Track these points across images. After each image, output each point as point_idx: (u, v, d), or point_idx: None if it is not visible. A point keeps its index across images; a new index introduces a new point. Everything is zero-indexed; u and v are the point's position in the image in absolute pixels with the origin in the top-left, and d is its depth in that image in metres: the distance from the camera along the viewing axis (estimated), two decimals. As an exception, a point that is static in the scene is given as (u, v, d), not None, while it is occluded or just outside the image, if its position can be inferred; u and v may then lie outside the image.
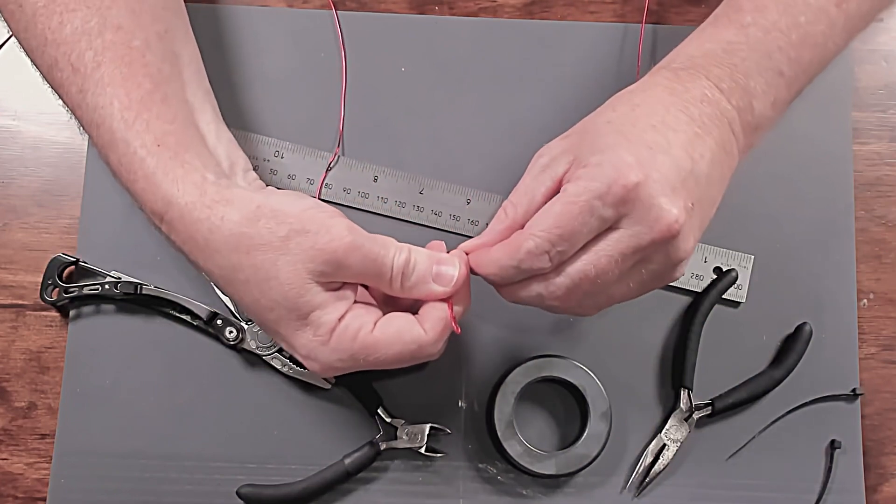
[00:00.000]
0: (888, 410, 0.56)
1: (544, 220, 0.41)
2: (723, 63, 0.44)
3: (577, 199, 0.40)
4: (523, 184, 0.44)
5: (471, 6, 0.60)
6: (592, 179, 0.40)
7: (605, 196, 0.40)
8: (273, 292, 0.41)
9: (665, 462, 0.54)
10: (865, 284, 0.57)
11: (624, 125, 0.42)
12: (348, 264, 0.42)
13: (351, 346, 0.42)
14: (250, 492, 0.52)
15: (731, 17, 0.46)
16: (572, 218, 0.40)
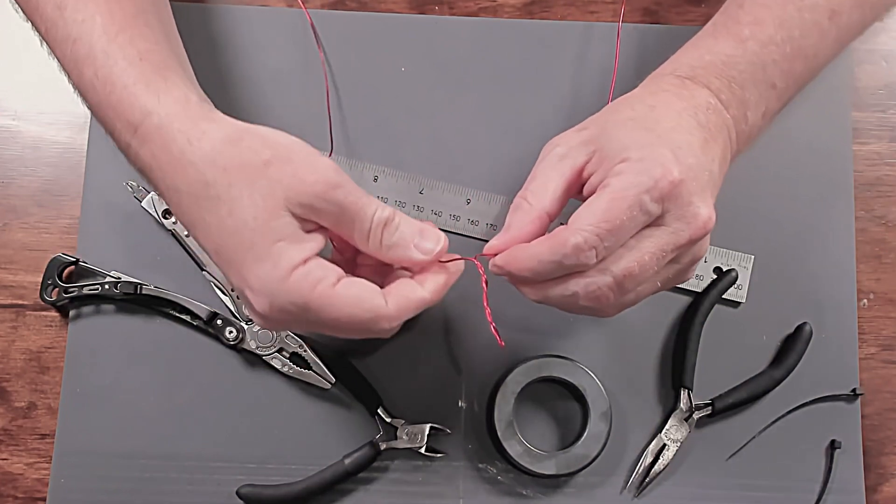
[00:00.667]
0: (888, 410, 0.56)
1: (591, 214, 0.40)
2: (722, 75, 0.45)
3: (625, 193, 0.40)
4: (540, 174, 0.44)
5: (471, 6, 0.60)
6: (639, 174, 0.40)
7: (652, 190, 0.40)
8: (243, 212, 0.39)
9: (665, 462, 0.54)
10: (865, 284, 0.57)
11: (648, 123, 0.42)
12: (328, 203, 0.40)
13: (308, 293, 0.39)
14: (250, 492, 0.52)
15: (731, 28, 0.46)
16: (621, 212, 0.40)
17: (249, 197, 0.39)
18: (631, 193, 0.40)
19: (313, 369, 0.53)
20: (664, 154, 0.40)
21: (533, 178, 0.45)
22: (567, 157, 0.43)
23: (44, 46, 0.46)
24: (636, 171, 0.40)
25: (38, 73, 0.58)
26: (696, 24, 0.59)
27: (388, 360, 0.55)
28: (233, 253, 0.40)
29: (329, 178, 0.40)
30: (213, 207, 0.40)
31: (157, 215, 0.54)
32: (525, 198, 0.44)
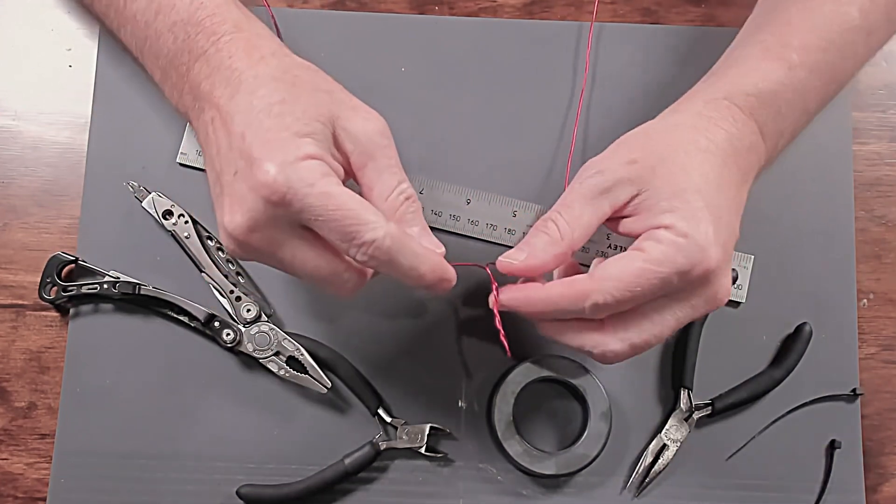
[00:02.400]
0: (888, 410, 0.56)
1: (619, 276, 0.41)
2: (771, 106, 0.45)
3: (659, 267, 0.40)
4: (577, 204, 0.43)
5: (471, 6, 0.60)
6: (678, 252, 0.40)
7: (686, 275, 0.41)
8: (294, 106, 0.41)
9: (665, 462, 0.54)
10: (865, 284, 0.57)
11: (699, 178, 0.42)
12: (369, 143, 0.42)
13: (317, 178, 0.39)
14: (250, 492, 0.52)
15: (781, 53, 0.46)
16: (649, 284, 0.41)
17: (305, 98, 0.41)
18: (665, 270, 0.40)
19: (310, 373, 0.53)
20: (707, 234, 0.41)
21: (568, 206, 0.44)
22: (609, 193, 0.43)
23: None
24: (676, 248, 0.41)
25: (38, 73, 0.58)
26: (696, 25, 0.59)
27: (388, 360, 0.55)
28: (264, 130, 0.40)
29: (383, 125, 0.43)
30: (268, 95, 0.41)
31: (156, 215, 0.54)
32: (556, 224, 0.44)
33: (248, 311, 0.53)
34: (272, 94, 0.41)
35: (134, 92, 0.57)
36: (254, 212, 0.40)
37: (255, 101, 0.41)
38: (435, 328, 0.55)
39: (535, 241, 0.44)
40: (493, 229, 0.55)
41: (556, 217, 0.44)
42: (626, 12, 0.60)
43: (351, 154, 0.43)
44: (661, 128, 0.45)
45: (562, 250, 0.43)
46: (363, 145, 0.42)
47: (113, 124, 0.56)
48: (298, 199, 0.39)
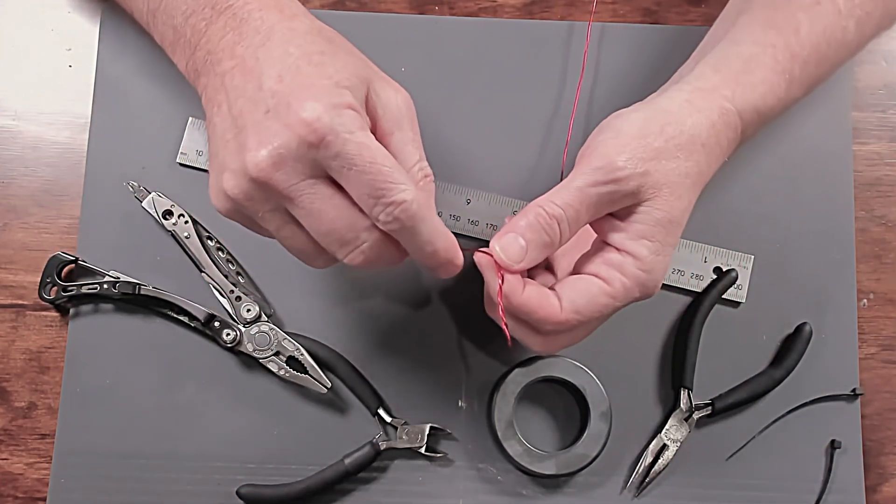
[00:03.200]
0: (888, 410, 0.56)
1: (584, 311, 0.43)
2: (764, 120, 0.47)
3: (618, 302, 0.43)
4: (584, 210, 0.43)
5: (471, 6, 0.60)
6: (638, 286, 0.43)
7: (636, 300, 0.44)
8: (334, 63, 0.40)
9: (665, 462, 0.54)
10: (865, 284, 0.57)
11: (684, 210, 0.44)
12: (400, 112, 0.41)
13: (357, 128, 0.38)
14: (250, 492, 0.52)
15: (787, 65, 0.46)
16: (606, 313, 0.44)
17: (343, 56, 0.41)
18: (622, 303, 0.44)
19: (310, 373, 0.53)
20: (664, 268, 0.44)
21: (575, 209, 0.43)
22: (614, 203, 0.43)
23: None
24: (636, 282, 0.43)
25: (38, 73, 0.58)
26: (696, 24, 0.59)
27: (388, 360, 0.55)
28: (305, 75, 0.39)
29: (410, 100, 0.42)
30: (306, 44, 0.40)
31: (156, 215, 0.54)
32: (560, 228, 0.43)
33: (248, 311, 0.53)
34: (310, 45, 0.40)
35: (134, 92, 0.57)
36: (284, 148, 0.38)
37: (292, 49, 0.40)
38: (435, 328, 0.55)
39: (535, 239, 0.43)
40: (493, 229, 0.55)
41: (562, 218, 0.43)
42: (626, 12, 0.60)
43: (380, 119, 0.42)
44: (674, 130, 0.44)
45: (552, 252, 0.44)
46: (392, 113, 0.41)
47: (113, 124, 0.56)
48: (338, 144, 0.38)
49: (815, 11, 0.46)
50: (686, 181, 0.43)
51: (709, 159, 0.44)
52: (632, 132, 0.43)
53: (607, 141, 0.43)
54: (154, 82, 0.57)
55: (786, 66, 0.46)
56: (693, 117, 0.44)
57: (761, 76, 0.46)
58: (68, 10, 0.59)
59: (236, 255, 0.55)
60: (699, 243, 0.56)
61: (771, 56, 0.46)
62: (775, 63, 0.46)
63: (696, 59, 0.50)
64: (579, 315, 0.43)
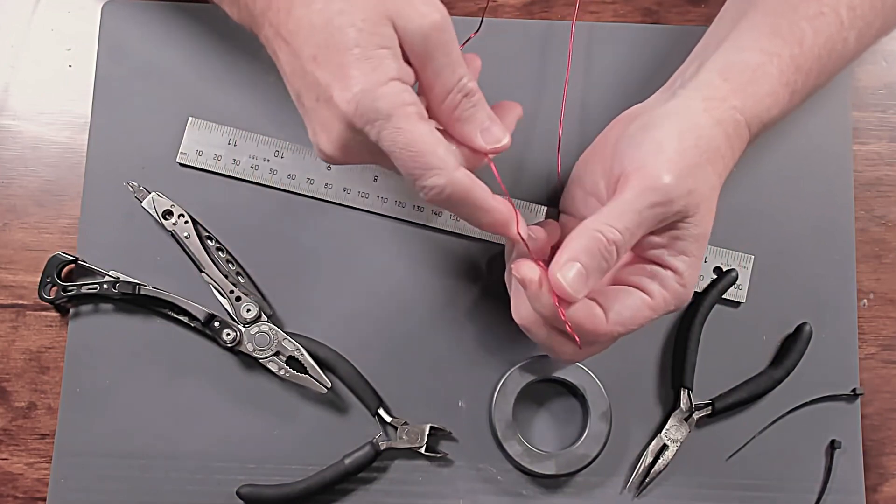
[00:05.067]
0: (888, 410, 0.56)
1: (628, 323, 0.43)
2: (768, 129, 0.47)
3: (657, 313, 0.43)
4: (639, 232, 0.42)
5: (471, 6, 0.60)
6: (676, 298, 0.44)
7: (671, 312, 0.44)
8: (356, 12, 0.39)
9: (665, 462, 0.54)
10: (865, 284, 0.57)
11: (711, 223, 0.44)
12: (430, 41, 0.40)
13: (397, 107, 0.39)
14: (250, 492, 0.52)
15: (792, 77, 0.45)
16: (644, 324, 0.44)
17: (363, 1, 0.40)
18: (660, 314, 0.44)
19: (310, 373, 0.53)
20: (696, 279, 0.44)
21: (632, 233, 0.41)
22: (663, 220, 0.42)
23: None
24: (675, 294, 0.43)
25: (38, 73, 0.58)
26: (697, 24, 0.59)
27: (388, 360, 0.55)
28: (334, 53, 0.39)
29: (441, 19, 0.40)
30: (324, 7, 0.40)
31: (156, 215, 0.54)
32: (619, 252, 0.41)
33: (248, 311, 0.53)
34: (328, 6, 0.40)
35: (134, 92, 0.57)
36: (342, 137, 0.41)
37: (314, 17, 0.40)
38: (435, 328, 0.55)
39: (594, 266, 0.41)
40: (493, 229, 0.55)
41: (621, 244, 0.41)
42: (626, 12, 0.60)
43: (410, 55, 0.41)
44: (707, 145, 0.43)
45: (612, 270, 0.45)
46: (420, 45, 0.40)
47: (113, 124, 0.56)
48: (374, 132, 0.39)
49: (819, 22, 0.46)
50: (714, 194, 0.44)
51: (725, 170, 0.45)
52: (673, 147, 0.42)
53: (651, 157, 0.42)
54: (154, 82, 0.57)
55: (790, 78, 0.45)
56: (714, 129, 0.44)
57: (768, 88, 0.45)
58: (68, 10, 0.59)
59: (236, 255, 0.55)
60: (699, 243, 0.56)
61: (777, 67, 0.45)
62: (780, 74, 0.45)
63: (695, 60, 0.50)
64: (623, 327, 0.43)
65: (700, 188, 0.42)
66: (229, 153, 0.56)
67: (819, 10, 0.46)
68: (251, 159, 0.56)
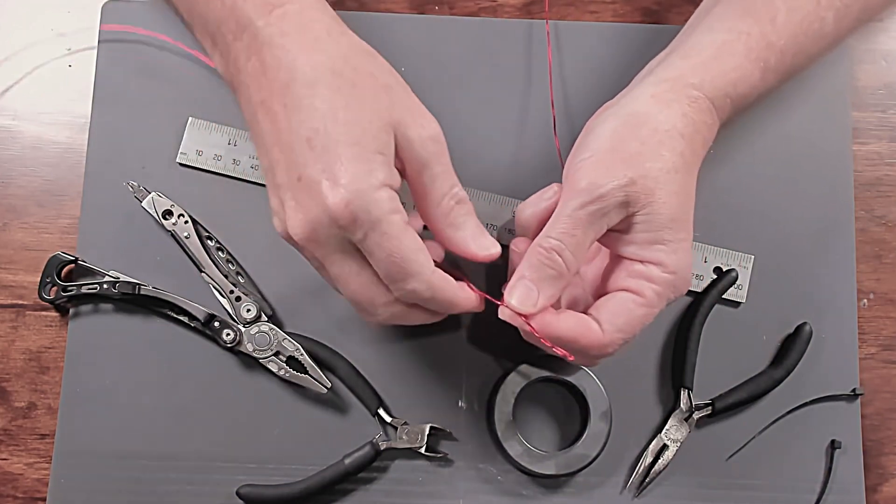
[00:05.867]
0: (888, 410, 0.56)
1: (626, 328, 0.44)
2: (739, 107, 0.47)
3: (656, 308, 0.44)
4: (578, 231, 0.42)
5: (471, 6, 0.60)
6: (669, 288, 0.44)
7: (671, 301, 0.45)
8: (361, 113, 0.40)
9: (665, 462, 0.54)
10: (865, 284, 0.57)
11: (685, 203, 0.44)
12: (426, 151, 0.42)
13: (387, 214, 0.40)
14: (250, 492, 0.52)
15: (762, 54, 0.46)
16: (648, 322, 0.44)
17: (370, 103, 0.40)
18: (659, 308, 0.44)
19: (309, 373, 0.53)
20: (688, 263, 0.44)
21: (570, 234, 0.42)
22: (606, 216, 0.43)
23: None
24: (667, 285, 0.43)
25: (38, 73, 0.58)
26: (696, 24, 0.59)
27: (388, 360, 0.55)
28: (332, 144, 0.40)
29: (437, 129, 0.42)
30: (331, 96, 0.40)
31: (156, 215, 0.54)
32: (562, 256, 0.43)
33: (248, 311, 0.53)
34: (335, 97, 0.40)
35: (134, 92, 0.57)
36: (316, 224, 0.40)
37: (317, 102, 0.40)
38: (435, 328, 0.55)
39: (541, 276, 0.43)
40: (493, 229, 0.55)
41: (561, 249, 0.43)
42: (626, 12, 0.60)
43: (406, 162, 0.42)
44: (650, 129, 0.43)
45: (568, 281, 0.44)
46: (419, 155, 0.42)
47: (113, 124, 0.56)
48: (362, 231, 0.40)
49: (794, 1, 0.46)
50: (676, 176, 0.43)
51: (692, 147, 0.44)
52: (605, 146, 0.44)
53: (585, 161, 0.44)
54: (154, 82, 0.57)
55: (760, 55, 0.45)
56: (663, 112, 0.44)
57: (733, 63, 0.45)
58: (68, 10, 0.59)
59: (236, 255, 0.55)
60: (699, 243, 0.56)
61: (744, 44, 0.45)
62: (748, 51, 0.45)
63: (667, 49, 0.50)
64: (623, 333, 0.44)
65: (648, 176, 0.42)
66: (229, 153, 0.56)
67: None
68: (251, 159, 0.56)
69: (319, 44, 0.41)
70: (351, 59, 0.42)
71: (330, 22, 0.43)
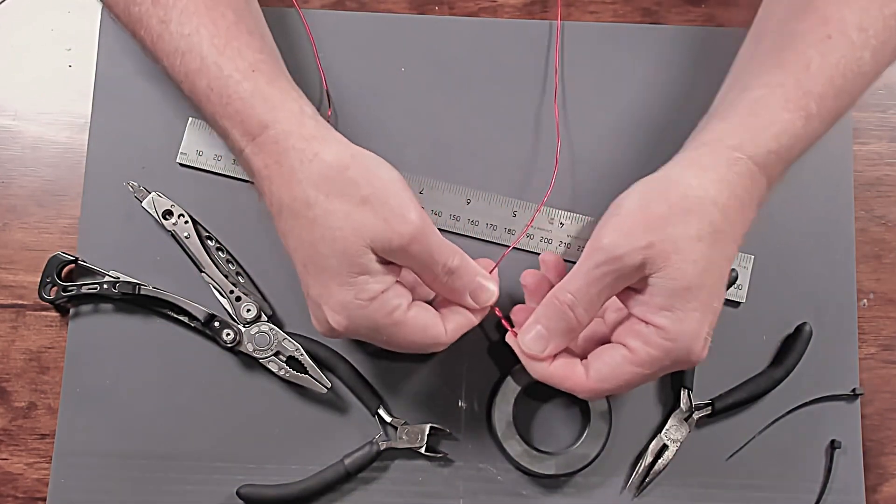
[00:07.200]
0: (888, 410, 0.56)
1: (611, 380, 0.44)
2: (785, 160, 0.45)
3: (647, 370, 0.44)
4: (593, 289, 0.44)
5: (471, 6, 0.60)
6: (666, 356, 0.43)
7: (669, 367, 0.44)
8: (335, 243, 0.42)
9: (665, 462, 0.54)
10: (865, 284, 0.57)
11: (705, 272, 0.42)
12: (407, 252, 0.43)
13: (384, 319, 0.44)
14: (250, 492, 0.52)
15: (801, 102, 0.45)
16: (637, 382, 0.44)
17: (341, 230, 0.42)
18: (652, 371, 0.44)
19: (310, 373, 0.53)
20: (694, 333, 0.43)
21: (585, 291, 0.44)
22: (620, 276, 0.43)
23: (148, 56, 0.49)
24: (663, 351, 0.43)
25: (38, 73, 0.58)
26: (696, 25, 0.59)
27: (388, 360, 0.55)
28: (320, 272, 0.43)
29: (416, 231, 0.43)
30: (309, 227, 0.43)
31: (156, 215, 0.54)
32: (574, 312, 0.45)
33: (248, 311, 0.53)
34: (314, 229, 0.43)
35: (134, 92, 0.57)
36: (336, 333, 0.45)
37: (303, 233, 0.43)
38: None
39: (554, 327, 0.46)
40: (492, 229, 0.55)
41: (575, 305, 0.44)
42: (626, 12, 0.60)
43: (397, 262, 0.45)
44: (678, 195, 0.43)
45: (577, 334, 0.46)
46: (402, 257, 0.44)
47: (113, 124, 0.56)
48: (370, 336, 0.45)
49: (827, 46, 0.45)
50: (698, 245, 0.42)
51: (726, 215, 0.43)
52: (632, 206, 0.44)
53: (609, 220, 0.44)
54: (154, 82, 0.57)
55: (799, 104, 0.44)
56: (699, 178, 0.43)
57: (771, 117, 0.44)
58: (68, 10, 0.59)
59: (236, 255, 0.55)
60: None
61: (780, 96, 0.45)
62: (785, 102, 0.45)
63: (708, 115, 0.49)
64: (605, 384, 0.45)
65: (667, 240, 0.42)
66: (229, 153, 0.56)
67: (826, 35, 0.45)
68: (251, 159, 0.56)
69: (294, 174, 0.43)
70: (322, 185, 0.43)
71: (302, 146, 0.44)
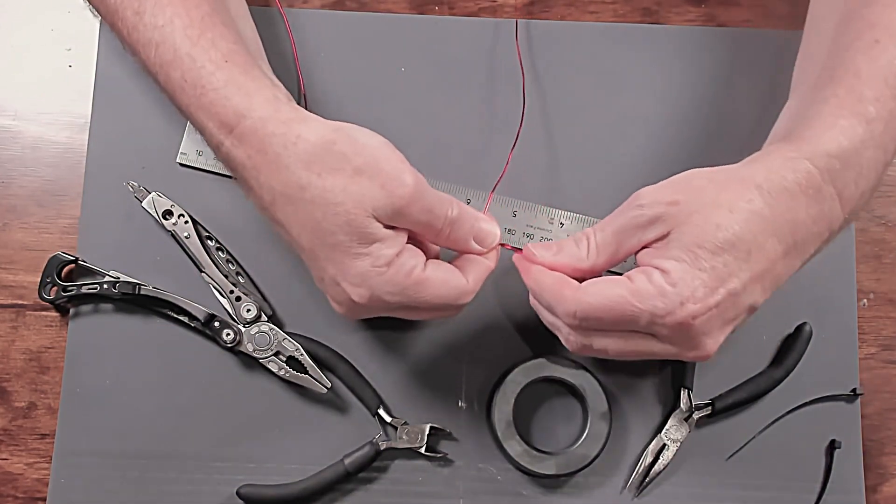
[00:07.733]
0: (888, 410, 0.56)
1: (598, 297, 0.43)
2: (853, 167, 0.44)
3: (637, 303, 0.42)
4: (612, 231, 0.45)
5: (471, 6, 0.60)
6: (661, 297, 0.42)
7: (658, 318, 0.42)
8: (339, 217, 0.42)
9: (665, 462, 0.54)
10: (865, 284, 0.57)
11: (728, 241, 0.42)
12: (408, 213, 0.43)
13: (405, 280, 0.43)
14: (250, 492, 0.52)
15: (856, 107, 0.44)
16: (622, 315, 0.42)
17: (343, 203, 0.42)
18: (640, 307, 0.42)
19: (309, 373, 0.53)
20: (696, 292, 0.41)
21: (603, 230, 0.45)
22: (643, 230, 0.44)
23: (126, 50, 0.48)
24: (661, 292, 0.42)
25: (38, 73, 0.58)
26: (696, 25, 0.59)
27: (388, 360, 0.55)
28: (331, 250, 0.43)
29: (414, 191, 0.43)
30: (309, 209, 0.43)
31: (156, 215, 0.54)
32: (588, 242, 0.46)
33: (248, 311, 0.53)
34: (314, 210, 0.42)
35: (134, 92, 0.57)
36: (358, 310, 0.45)
37: (303, 217, 0.43)
38: (435, 328, 0.55)
39: (567, 248, 0.46)
40: (493, 229, 0.55)
41: (591, 235, 0.46)
42: (626, 12, 0.60)
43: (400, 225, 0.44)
44: (725, 176, 0.44)
45: (584, 267, 0.46)
46: (403, 219, 0.44)
47: (113, 124, 0.56)
48: (395, 300, 0.44)
49: (876, 50, 0.45)
50: (728, 214, 0.42)
51: (769, 203, 0.42)
52: (679, 177, 0.45)
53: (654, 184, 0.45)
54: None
55: (854, 109, 0.44)
56: (749, 167, 0.44)
57: (825, 123, 0.44)
58: (68, 10, 0.59)
59: (236, 255, 0.55)
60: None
61: (834, 105, 0.44)
62: (840, 108, 0.44)
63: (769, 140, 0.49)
64: (590, 297, 0.43)
65: (693, 201, 0.43)
66: (229, 153, 0.56)
67: (873, 40, 0.45)
68: (251, 159, 0.56)
69: (281, 159, 0.43)
70: (313, 165, 0.42)
71: (283, 130, 0.43)
